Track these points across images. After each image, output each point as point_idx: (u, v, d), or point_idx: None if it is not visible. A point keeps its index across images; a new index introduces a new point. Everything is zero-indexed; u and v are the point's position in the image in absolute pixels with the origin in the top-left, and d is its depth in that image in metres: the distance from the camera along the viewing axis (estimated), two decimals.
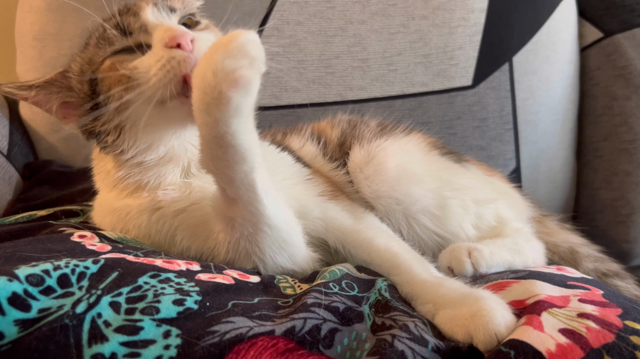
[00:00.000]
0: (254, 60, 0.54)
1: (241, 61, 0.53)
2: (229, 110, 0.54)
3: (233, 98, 0.53)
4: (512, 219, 0.91)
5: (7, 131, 1.20)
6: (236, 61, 0.53)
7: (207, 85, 0.53)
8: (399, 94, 1.31)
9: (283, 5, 1.25)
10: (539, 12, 1.34)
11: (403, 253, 0.74)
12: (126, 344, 0.46)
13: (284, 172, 0.80)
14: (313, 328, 0.52)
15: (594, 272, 0.92)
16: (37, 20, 1.22)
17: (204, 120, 0.56)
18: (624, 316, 0.56)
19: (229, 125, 0.55)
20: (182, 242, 0.72)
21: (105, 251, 0.61)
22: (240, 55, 0.53)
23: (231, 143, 0.56)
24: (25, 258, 0.53)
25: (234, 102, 0.54)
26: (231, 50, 0.53)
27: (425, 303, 0.64)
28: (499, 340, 0.53)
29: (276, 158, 0.83)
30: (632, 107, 1.32)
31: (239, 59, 0.53)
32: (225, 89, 0.53)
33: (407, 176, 0.85)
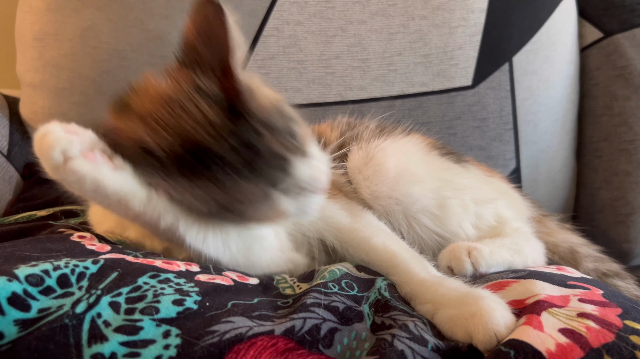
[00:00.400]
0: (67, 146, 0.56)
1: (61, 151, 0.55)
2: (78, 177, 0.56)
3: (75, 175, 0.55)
4: (512, 219, 0.91)
5: (7, 131, 1.20)
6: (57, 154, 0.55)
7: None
8: (399, 94, 1.31)
9: (283, 5, 1.25)
10: (539, 12, 1.34)
11: (401, 252, 0.74)
12: (126, 344, 0.46)
13: None
14: (313, 327, 0.52)
15: (594, 272, 0.92)
16: (37, 20, 1.22)
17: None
18: (624, 315, 0.56)
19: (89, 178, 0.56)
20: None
21: (105, 251, 0.61)
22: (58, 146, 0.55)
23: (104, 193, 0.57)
24: (24, 258, 0.53)
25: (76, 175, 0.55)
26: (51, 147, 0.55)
27: (425, 302, 0.64)
28: (499, 340, 0.53)
29: None
30: (632, 107, 1.32)
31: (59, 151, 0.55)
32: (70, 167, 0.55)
33: (407, 176, 0.85)
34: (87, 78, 1.22)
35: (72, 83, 1.22)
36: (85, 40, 1.21)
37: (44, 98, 1.24)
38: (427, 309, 0.63)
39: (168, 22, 1.22)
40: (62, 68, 1.22)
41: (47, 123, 0.57)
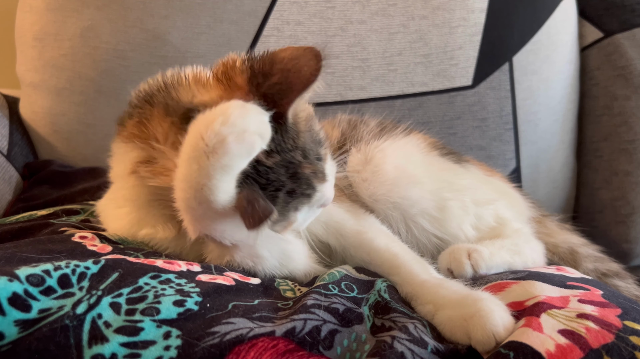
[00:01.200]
0: (263, 133, 0.55)
1: (252, 126, 0.54)
2: (221, 162, 0.53)
3: (232, 152, 0.53)
4: (511, 220, 0.91)
5: (7, 131, 1.20)
6: (248, 124, 0.54)
7: (210, 131, 0.53)
8: (399, 94, 1.30)
9: (283, 5, 1.25)
10: (539, 12, 1.34)
11: (403, 253, 0.74)
12: (126, 345, 0.46)
13: None
14: (313, 329, 0.52)
15: (594, 272, 0.92)
16: (37, 20, 1.22)
17: (188, 166, 0.54)
18: (624, 316, 0.57)
19: (212, 176, 0.54)
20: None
21: (106, 252, 0.61)
22: (253, 122, 0.54)
23: (208, 198, 0.55)
24: (25, 259, 0.54)
25: (229, 156, 0.53)
26: (247, 117, 0.54)
27: (425, 303, 0.64)
28: (497, 341, 0.54)
29: None
30: (632, 107, 1.32)
31: (251, 124, 0.54)
32: (230, 141, 0.53)
33: (406, 178, 0.85)
34: (87, 78, 1.22)
35: (72, 83, 1.22)
36: (85, 40, 1.21)
37: (44, 98, 1.24)
38: (427, 310, 0.63)
39: (168, 22, 1.22)
40: (62, 68, 1.22)
41: (242, 102, 0.56)
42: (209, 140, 0.53)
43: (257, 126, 0.55)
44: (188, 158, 0.55)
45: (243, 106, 0.55)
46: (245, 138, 0.53)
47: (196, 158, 0.54)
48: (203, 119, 0.55)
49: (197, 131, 0.54)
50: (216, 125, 0.53)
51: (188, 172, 0.55)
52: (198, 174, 0.54)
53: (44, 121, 1.25)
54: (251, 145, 0.54)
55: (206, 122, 0.54)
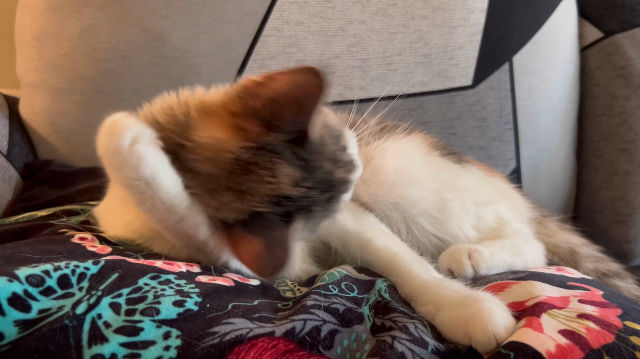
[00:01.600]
0: (139, 134, 0.56)
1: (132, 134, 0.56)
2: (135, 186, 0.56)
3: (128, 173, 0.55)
4: (512, 220, 0.91)
5: (7, 131, 1.20)
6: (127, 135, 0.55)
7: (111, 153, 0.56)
8: (399, 94, 1.30)
9: (283, 5, 1.25)
10: (539, 12, 1.34)
11: (402, 253, 0.74)
12: (126, 345, 0.46)
13: None
14: (313, 329, 0.52)
15: (594, 272, 0.92)
16: (37, 20, 1.22)
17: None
18: (624, 316, 0.56)
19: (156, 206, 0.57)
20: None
21: (106, 253, 0.61)
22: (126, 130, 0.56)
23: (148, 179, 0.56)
24: (25, 259, 0.53)
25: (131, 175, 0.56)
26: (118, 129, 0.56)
27: (426, 303, 0.64)
28: (498, 342, 0.53)
29: None
30: (632, 107, 1.31)
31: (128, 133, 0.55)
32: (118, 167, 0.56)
33: (406, 178, 0.85)
34: (87, 78, 1.22)
35: (72, 83, 1.22)
36: (85, 40, 1.21)
37: (43, 98, 1.24)
38: (428, 311, 0.63)
39: (168, 22, 1.21)
40: (62, 68, 1.22)
41: (115, 114, 0.57)
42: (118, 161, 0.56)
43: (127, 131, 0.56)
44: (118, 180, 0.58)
45: (106, 130, 0.56)
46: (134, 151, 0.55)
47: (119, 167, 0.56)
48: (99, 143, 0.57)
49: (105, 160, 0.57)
50: (108, 150, 0.56)
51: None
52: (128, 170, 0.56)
53: (44, 121, 1.25)
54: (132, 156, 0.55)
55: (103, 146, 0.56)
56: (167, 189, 0.57)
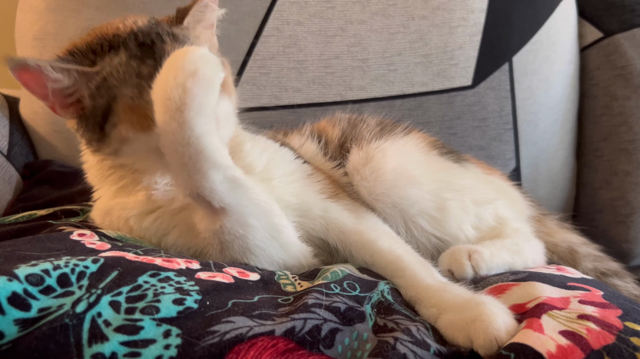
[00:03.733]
0: (213, 66, 0.58)
1: (201, 64, 0.57)
2: (194, 107, 0.56)
3: (197, 94, 0.56)
4: (511, 219, 0.91)
5: (7, 131, 1.20)
6: (196, 64, 0.57)
7: (170, 88, 0.56)
8: (399, 94, 1.30)
9: (283, 5, 1.25)
10: (539, 12, 1.34)
11: (407, 256, 0.73)
12: (126, 343, 0.46)
13: (283, 167, 0.80)
14: (313, 328, 0.52)
15: (593, 271, 0.92)
16: (37, 20, 1.22)
17: (169, 129, 0.57)
18: (624, 317, 0.56)
19: (194, 127, 0.57)
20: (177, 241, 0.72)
21: (105, 249, 0.61)
22: (200, 61, 0.57)
23: (199, 148, 0.58)
24: (24, 257, 0.53)
25: (197, 99, 0.56)
26: (190, 58, 0.57)
27: (429, 306, 0.64)
28: (499, 345, 0.53)
29: (276, 152, 0.83)
30: (631, 107, 1.32)
31: (199, 63, 0.57)
32: (190, 84, 0.56)
33: (405, 178, 0.84)
34: None
35: None
36: None
37: None
38: (431, 313, 0.63)
39: None
40: None
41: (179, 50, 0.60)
42: (173, 97, 0.56)
43: (204, 59, 0.58)
44: (165, 121, 0.57)
45: (182, 53, 0.58)
46: (200, 77, 0.56)
47: (172, 118, 0.57)
48: (160, 84, 0.58)
49: (161, 96, 0.57)
50: (171, 81, 0.56)
51: (171, 132, 0.57)
52: (180, 129, 0.57)
53: (44, 121, 1.25)
54: (209, 78, 0.57)
55: (164, 84, 0.57)
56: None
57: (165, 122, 0.57)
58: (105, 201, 0.76)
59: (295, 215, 0.74)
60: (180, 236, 0.72)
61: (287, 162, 0.82)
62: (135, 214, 0.73)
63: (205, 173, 0.59)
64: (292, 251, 0.71)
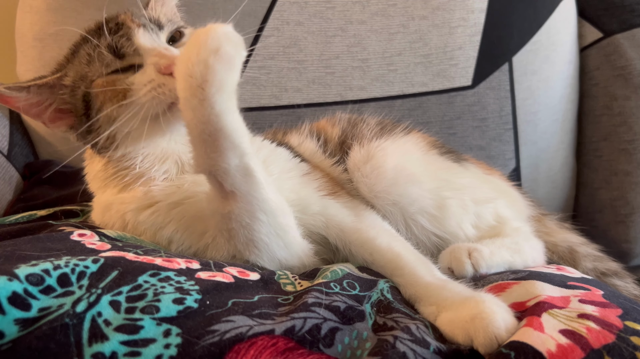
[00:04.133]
0: (235, 44, 0.57)
1: (224, 42, 0.56)
2: (214, 84, 0.56)
3: (218, 71, 0.56)
4: (511, 218, 0.91)
5: (7, 131, 1.20)
6: (219, 42, 0.56)
7: (192, 64, 0.56)
8: (399, 94, 1.31)
9: (283, 5, 1.25)
10: (539, 12, 1.34)
11: (406, 254, 0.73)
12: (126, 343, 0.46)
13: (280, 165, 0.80)
14: (313, 327, 0.52)
15: (593, 271, 0.92)
16: (37, 21, 1.22)
17: (190, 105, 0.57)
18: (624, 316, 0.56)
19: (214, 104, 0.56)
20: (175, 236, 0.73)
21: (105, 249, 0.61)
22: (223, 38, 0.56)
23: (218, 126, 0.58)
24: (25, 257, 0.53)
25: (219, 75, 0.56)
26: (213, 35, 0.56)
27: (429, 304, 0.64)
28: (499, 343, 0.53)
29: (272, 152, 0.83)
30: (631, 107, 1.32)
31: (222, 41, 0.56)
32: (212, 61, 0.55)
33: (405, 176, 0.85)
34: None
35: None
36: None
37: None
38: (430, 311, 0.63)
39: None
40: None
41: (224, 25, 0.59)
42: (195, 74, 0.55)
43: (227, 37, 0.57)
44: (186, 97, 0.57)
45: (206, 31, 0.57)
46: (222, 54, 0.56)
47: (193, 94, 0.56)
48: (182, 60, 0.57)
49: (183, 72, 0.57)
50: (194, 58, 0.56)
51: (192, 109, 0.57)
52: (201, 107, 0.56)
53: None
54: (231, 55, 0.56)
55: (186, 60, 0.56)
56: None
57: (186, 98, 0.57)
58: (106, 197, 0.77)
59: (294, 211, 0.74)
60: (178, 231, 0.73)
61: (283, 160, 0.82)
62: (132, 209, 0.74)
63: (222, 152, 0.59)
64: (295, 250, 0.71)
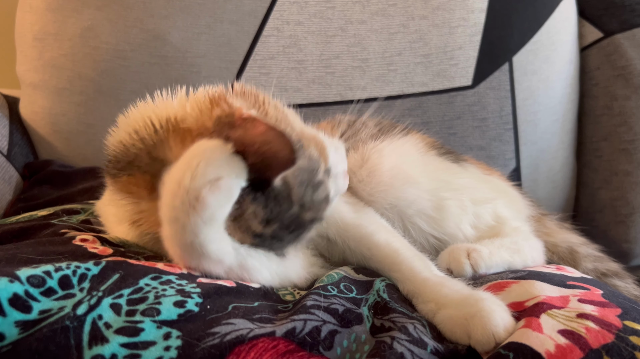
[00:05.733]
0: (238, 173, 0.53)
1: (224, 171, 0.52)
2: (203, 217, 0.52)
3: (211, 205, 0.51)
4: (510, 218, 0.91)
5: (7, 131, 1.20)
6: (219, 170, 0.52)
7: (182, 189, 0.51)
8: (399, 94, 1.31)
9: (283, 5, 1.25)
10: (539, 12, 1.34)
11: (404, 249, 0.73)
12: (126, 345, 0.46)
13: None
14: (313, 329, 0.52)
15: (594, 272, 0.92)
16: (37, 20, 1.22)
17: (171, 229, 0.54)
18: (624, 316, 0.57)
19: (198, 233, 0.53)
20: None
21: (107, 254, 0.61)
22: (224, 166, 0.52)
23: (200, 252, 0.54)
24: (26, 260, 0.54)
25: (210, 209, 0.52)
26: (214, 160, 0.52)
27: (427, 301, 0.64)
28: (497, 342, 0.54)
29: None
30: (632, 107, 1.32)
31: (222, 169, 0.52)
32: (205, 194, 0.51)
33: (402, 178, 0.84)
34: (87, 78, 1.22)
35: (72, 83, 1.22)
36: (85, 40, 1.21)
37: (44, 98, 1.24)
38: (429, 309, 0.63)
39: (168, 22, 1.22)
40: (62, 68, 1.22)
41: (206, 142, 0.53)
42: (183, 199, 0.51)
43: (229, 167, 0.53)
44: (169, 219, 0.53)
45: (207, 150, 0.53)
46: (221, 186, 0.52)
47: (177, 218, 0.52)
48: (172, 178, 0.52)
49: (170, 191, 0.52)
50: (186, 181, 0.51)
51: (174, 231, 0.53)
52: (183, 232, 0.53)
53: (44, 121, 1.25)
54: (229, 190, 0.52)
55: (176, 181, 0.52)
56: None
57: (169, 219, 0.53)
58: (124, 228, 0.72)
59: None
60: None
61: None
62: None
63: (209, 267, 0.57)
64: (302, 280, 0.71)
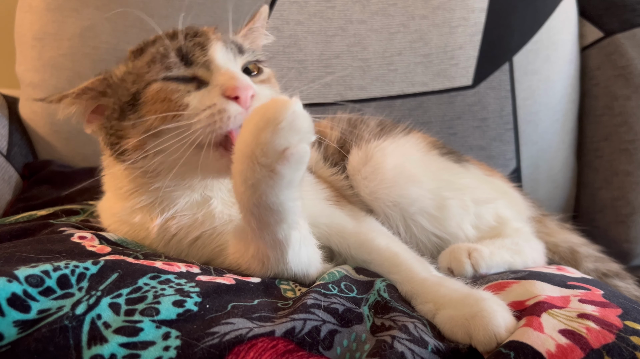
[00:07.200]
0: (304, 135, 0.53)
1: (292, 137, 0.52)
2: (281, 185, 0.54)
3: (286, 175, 0.53)
4: (511, 219, 0.91)
5: (6, 131, 1.20)
6: (287, 138, 0.52)
7: (256, 161, 0.52)
8: (399, 94, 1.30)
9: (283, 5, 1.25)
10: (539, 11, 1.34)
11: (403, 252, 0.74)
12: (125, 345, 0.46)
13: None
14: (313, 329, 0.52)
15: (595, 272, 0.92)
16: (36, 20, 1.22)
17: (250, 193, 0.55)
18: (624, 316, 0.56)
19: (279, 196, 0.55)
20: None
21: (105, 252, 0.61)
22: (291, 132, 0.52)
23: (277, 210, 0.56)
24: (24, 259, 0.53)
25: (286, 179, 0.53)
26: (281, 128, 0.52)
27: (426, 302, 0.64)
28: (498, 341, 0.53)
29: None
30: (632, 106, 1.32)
31: (290, 136, 0.52)
32: (278, 167, 0.52)
33: (405, 177, 0.85)
34: (87, 78, 1.20)
35: (72, 83, 1.22)
36: (85, 40, 1.21)
37: None
38: (428, 309, 0.63)
39: (168, 22, 1.20)
40: (62, 68, 1.22)
41: (294, 103, 0.53)
42: (268, 153, 0.52)
43: (310, 128, 0.53)
44: (248, 175, 0.54)
45: (285, 107, 0.52)
46: (291, 155, 0.52)
47: (261, 175, 0.53)
48: (244, 149, 0.53)
49: (245, 165, 0.53)
50: (268, 135, 0.52)
51: (252, 187, 0.54)
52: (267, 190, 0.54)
53: (44, 121, 1.25)
54: (301, 156, 0.53)
55: (257, 131, 0.52)
56: None
57: (247, 188, 0.54)
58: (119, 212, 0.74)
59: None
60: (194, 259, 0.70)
61: None
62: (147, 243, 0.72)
63: (270, 224, 0.58)
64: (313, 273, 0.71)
